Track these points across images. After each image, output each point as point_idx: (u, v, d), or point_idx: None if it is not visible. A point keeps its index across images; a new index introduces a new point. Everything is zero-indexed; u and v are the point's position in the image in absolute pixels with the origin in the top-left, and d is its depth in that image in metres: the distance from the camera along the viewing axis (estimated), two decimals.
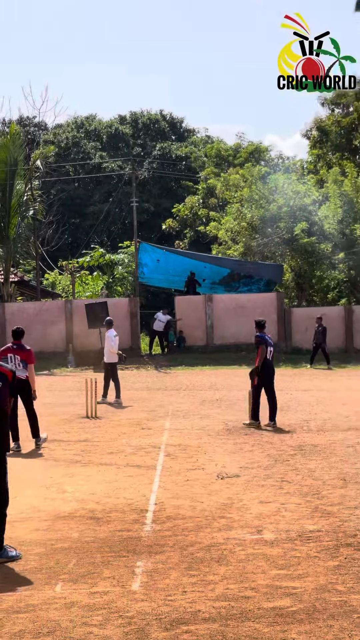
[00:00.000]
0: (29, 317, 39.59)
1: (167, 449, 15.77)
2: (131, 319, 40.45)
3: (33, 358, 16.39)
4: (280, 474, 13.17)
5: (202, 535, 9.64)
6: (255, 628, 6.69)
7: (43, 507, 11.33)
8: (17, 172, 42.95)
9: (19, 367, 15.96)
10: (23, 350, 16.27)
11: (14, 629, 6.79)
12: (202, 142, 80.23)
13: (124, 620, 6.94)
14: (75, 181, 74.12)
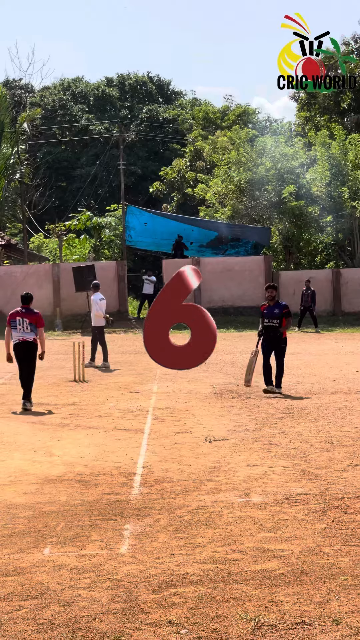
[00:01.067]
0: (16, 281, 39.48)
1: (155, 412, 15.79)
2: (119, 282, 40.39)
3: (42, 321, 17.05)
4: (268, 437, 13.21)
5: (190, 498, 9.67)
6: (243, 590, 6.71)
7: (31, 470, 11.34)
8: (4, 135, 42.71)
9: (27, 330, 16.72)
10: (31, 314, 16.90)
11: (3, 592, 6.81)
12: (190, 104, 79.73)
13: (112, 583, 6.97)
14: (62, 144, 73.65)
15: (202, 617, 6.19)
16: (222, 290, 39.64)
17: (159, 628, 6.01)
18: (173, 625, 6.05)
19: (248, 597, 6.56)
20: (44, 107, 71.78)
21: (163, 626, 6.04)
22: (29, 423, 15.05)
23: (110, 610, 6.36)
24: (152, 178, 65.23)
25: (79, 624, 6.13)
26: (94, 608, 6.42)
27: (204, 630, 5.94)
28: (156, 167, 66.91)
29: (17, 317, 16.95)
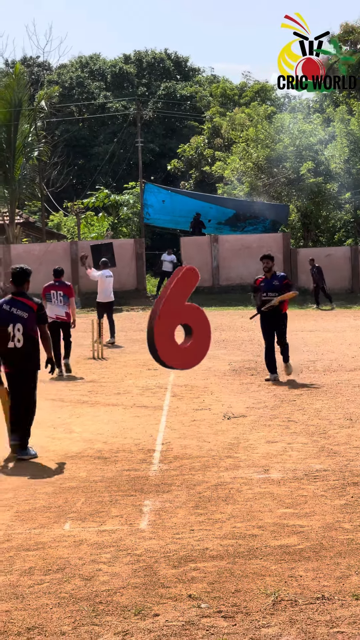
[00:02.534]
0: (34, 259, 39.51)
1: (174, 389, 15.83)
2: (137, 260, 40.40)
3: (73, 292, 18.79)
4: (287, 414, 13.22)
5: (209, 475, 9.70)
6: (263, 565, 6.75)
7: (51, 447, 11.40)
8: (22, 112, 42.70)
9: (60, 303, 18.31)
10: (64, 286, 18.56)
11: (25, 566, 6.87)
12: (208, 81, 79.37)
13: (132, 557, 7.01)
14: (80, 121, 73.51)
15: (222, 591, 6.23)
16: (240, 267, 39.58)
17: (179, 602, 6.05)
18: (193, 600, 6.08)
19: (268, 572, 6.59)
20: (62, 84, 71.61)
21: (183, 600, 6.08)
22: (49, 400, 15.11)
23: (131, 585, 6.41)
24: (170, 155, 65.07)
25: (100, 597, 6.17)
26: (115, 582, 6.47)
27: (224, 605, 5.98)
28: (174, 144, 66.73)
29: (52, 290, 18.36)
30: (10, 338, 10.92)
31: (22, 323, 10.91)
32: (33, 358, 11.04)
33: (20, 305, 11.01)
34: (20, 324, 10.90)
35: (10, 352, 10.95)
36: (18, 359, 10.95)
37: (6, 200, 43.26)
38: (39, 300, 11.51)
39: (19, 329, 10.90)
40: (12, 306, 11.03)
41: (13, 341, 10.91)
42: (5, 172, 42.31)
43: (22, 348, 10.92)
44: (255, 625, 5.63)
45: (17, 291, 11.21)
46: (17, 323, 10.91)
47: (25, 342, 10.93)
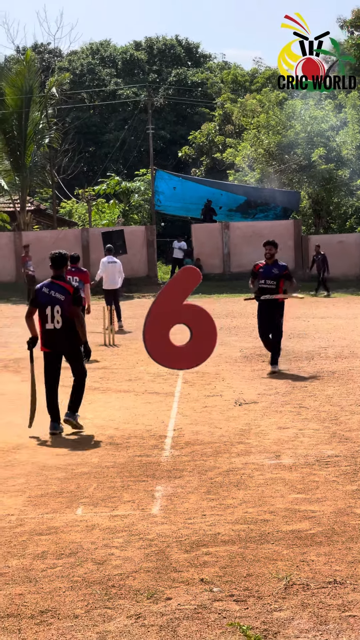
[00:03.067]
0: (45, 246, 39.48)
1: (185, 375, 15.84)
2: (148, 247, 40.41)
3: (89, 279, 19.44)
4: (298, 400, 13.23)
5: (220, 460, 9.73)
6: (275, 550, 6.77)
7: (63, 433, 11.44)
8: (33, 99, 42.66)
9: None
10: (80, 272, 19.14)
11: (37, 550, 6.90)
12: (219, 67, 79.21)
13: (144, 542, 7.04)
14: (91, 108, 73.44)
15: (234, 575, 6.25)
16: (252, 254, 39.29)
17: (191, 586, 6.08)
18: (205, 584, 6.11)
19: (279, 557, 6.61)
20: (72, 71, 71.55)
21: (195, 584, 6.11)
22: (61, 387, 15.11)
23: (143, 569, 6.44)
24: (181, 142, 65.01)
25: (112, 581, 6.21)
26: (127, 566, 6.50)
27: (236, 589, 6.00)
28: (185, 131, 66.67)
29: (68, 275, 17.49)
30: (50, 319, 11.58)
31: (60, 305, 11.52)
32: (72, 337, 11.60)
33: (58, 288, 11.62)
34: (59, 305, 11.52)
35: (50, 333, 11.63)
36: (58, 339, 11.61)
37: (17, 187, 43.27)
38: (76, 283, 11.95)
39: (58, 310, 11.53)
40: (50, 289, 11.65)
41: (52, 322, 11.57)
42: (17, 159, 42.32)
43: (61, 329, 11.54)
44: (267, 609, 5.66)
45: (56, 274, 11.82)
46: (56, 305, 11.53)
47: (64, 323, 11.53)
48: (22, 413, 12.81)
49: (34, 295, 11.93)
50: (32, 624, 5.54)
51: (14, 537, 7.28)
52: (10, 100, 41.84)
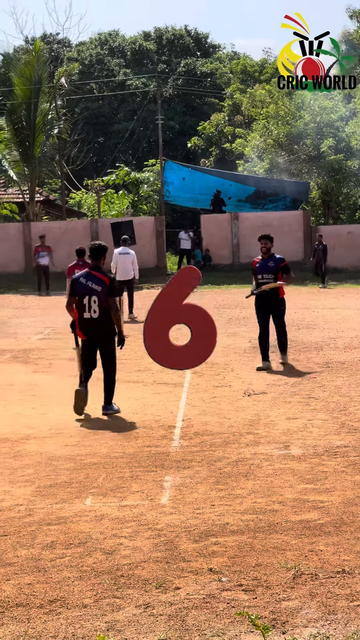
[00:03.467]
0: (55, 237, 39.56)
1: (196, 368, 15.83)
2: (157, 238, 40.37)
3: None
4: (307, 391, 13.23)
5: (229, 451, 9.73)
6: (283, 540, 6.78)
7: (72, 423, 11.46)
8: (42, 90, 42.58)
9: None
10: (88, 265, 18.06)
11: (46, 540, 6.92)
12: (228, 57, 78.95)
13: (153, 532, 7.05)
14: (100, 99, 73.36)
15: (243, 565, 6.26)
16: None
17: (200, 576, 6.10)
18: (214, 573, 6.12)
19: (288, 547, 6.62)
20: (81, 62, 71.45)
21: (204, 574, 6.13)
22: (70, 377, 15.16)
23: (152, 559, 6.45)
24: (190, 133, 64.85)
25: (121, 571, 6.22)
26: (136, 556, 6.51)
27: (245, 578, 6.01)
28: (194, 121, 66.53)
29: (76, 269, 18.78)
30: (87, 309, 12.03)
31: (97, 295, 12.00)
32: (107, 326, 12.08)
33: (95, 279, 12.10)
34: (96, 296, 12.00)
35: (86, 322, 12.09)
36: (94, 327, 12.09)
37: (26, 178, 43.26)
38: (112, 274, 12.30)
39: (95, 300, 12.00)
40: (88, 280, 12.13)
41: (89, 312, 12.02)
42: (26, 150, 42.28)
43: (97, 318, 12.02)
44: (275, 598, 5.67)
45: (94, 265, 12.38)
46: (93, 295, 12.01)
47: (101, 313, 11.99)
48: (31, 404, 12.86)
49: (72, 285, 12.42)
50: (41, 614, 5.56)
51: (23, 527, 7.30)
52: (19, 90, 41.79)
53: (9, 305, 29.85)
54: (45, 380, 14.94)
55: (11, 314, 26.71)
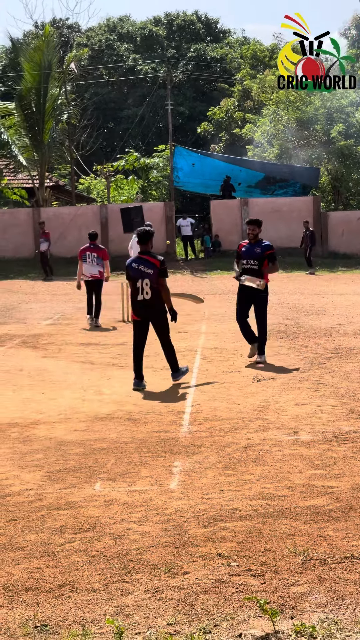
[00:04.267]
0: (64, 222, 39.60)
1: (204, 352, 15.85)
2: (166, 223, 40.34)
3: (107, 255, 21.06)
4: (316, 377, 13.22)
5: (238, 436, 9.73)
6: (292, 525, 6.78)
7: (81, 408, 11.47)
8: (51, 75, 42.51)
9: (94, 263, 20.65)
10: (98, 249, 20.90)
11: (56, 525, 6.94)
12: (238, 43, 78.74)
13: (162, 517, 7.06)
14: (109, 84, 73.20)
15: (252, 550, 6.27)
16: (271, 231, 39.27)
17: (208, 560, 6.10)
18: (223, 558, 6.13)
19: (297, 532, 6.62)
20: (91, 47, 71.30)
21: (213, 559, 6.13)
22: (79, 362, 15.20)
23: (161, 544, 6.46)
24: (200, 118, 64.71)
25: (130, 556, 6.23)
26: (145, 541, 6.52)
27: (254, 563, 6.02)
28: (204, 107, 66.36)
29: (87, 251, 20.71)
30: (140, 291, 12.82)
31: (149, 278, 12.77)
32: (159, 306, 12.93)
33: (146, 262, 12.86)
34: (148, 279, 12.78)
35: (140, 303, 12.89)
36: (147, 308, 12.88)
37: (36, 163, 43.23)
38: (162, 257, 12.99)
39: (147, 283, 12.78)
40: (140, 264, 12.88)
41: (142, 294, 12.82)
42: (35, 135, 42.25)
43: (149, 299, 12.82)
44: (284, 583, 5.67)
45: (143, 250, 13.01)
46: (145, 278, 12.78)
47: (152, 294, 12.80)
48: (40, 389, 12.88)
49: (126, 271, 13.17)
50: (50, 598, 5.58)
51: (32, 511, 7.31)
52: (28, 76, 41.73)
53: (19, 291, 29.89)
54: (55, 365, 14.96)
55: (21, 300, 26.75)
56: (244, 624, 5.11)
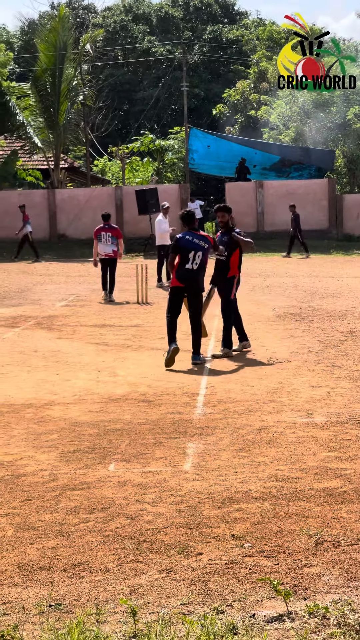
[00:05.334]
0: (79, 204, 39.58)
1: (218, 334, 15.83)
2: (181, 205, 40.24)
3: (121, 234, 22.39)
4: (331, 359, 13.21)
5: (252, 418, 9.74)
6: (306, 507, 6.79)
7: (96, 389, 11.50)
8: (67, 56, 42.39)
9: (109, 242, 21.79)
10: (112, 229, 22.13)
11: (70, 505, 6.97)
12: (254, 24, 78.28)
13: (176, 498, 7.08)
14: (125, 66, 72.99)
15: (265, 532, 6.28)
16: (285, 213, 39.17)
17: (222, 542, 6.12)
18: (236, 539, 6.15)
19: (311, 514, 6.63)
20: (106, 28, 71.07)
21: (226, 540, 6.15)
22: (93, 344, 15.22)
23: (175, 524, 6.48)
24: (215, 100, 64.46)
25: (144, 536, 6.26)
26: (159, 522, 6.55)
27: (267, 545, 6.03)
28: (219, 89, 66.10)
29: (102, 231, 21.91)
30: (190, 261, 13.26)
31: (202, 252, 13.33)
32: (201, 279, 13.52)
33: (201, 237, 13.51)
34: (201, 252, 13.32)
35: (187, 271, 13.29)
36: (192, 278, 13.33)
37: (51, 145, 43.18)
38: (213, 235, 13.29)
39: (199, 255, 13.29)
40: (194, 237, 13.39)
41: (192, 264, 13.27)
42: (50, 116, 42.17)
43: (197, 270, 13.34)
44: (297, 565, 5.69)
45: (191, 228, 13.51)
46: (199, 251, 13.29)
47: (200, 266, 13.36)
48: (55, 370, 12.91)
49: (175, 243, 13.48)
50: (64, 577, 5.61)
51: (46, 491, 7.35)
52: (44, 57, 41.63)
53: (34, 272, 29.91)
54: (69, 346, 14.99)
55: (35, 281, 26.77)
56: (257, 604, 5.13)
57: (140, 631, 4.78)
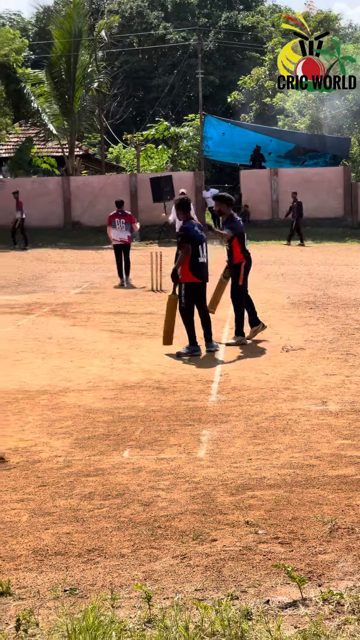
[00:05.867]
0: (93, 191, 39.56)
1: (232, 322, 15.82)
2: (196, 193, 40.20)
3: (134, 219, 23.00)
4: (345, 347, 13.19)
5: (267, 406, 9.75)
6: (320, 494, 6.80)
7: (110, 376, 11.52)
8: (82, 43, 42.32)
9: (123, 229, 22.30)
10: (125, 215, 22.63)
11: (85, 491, 6.99)
12: (270, 11, 77.90)
13: (190, 485, 7.10)
14: (140, 53, 72.82)
15: (279, 519, 6.29)
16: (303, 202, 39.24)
17: (236, 528, 6.13)
18: (250, 526, 6.16)
19: (325, 501, 6.64)
20: (122, 14, 70.90)
21: (240, 526, 6.16)
22: (107, 331, 15.24)
23: (189, 511, 6.50)
24: (231, 87, 64.27)
25: (159, 522, 6.28)
26: (173, 508, 6.56)
27: (281, 532, 6.04)
28: (234, 76, 65.87)
29: (116, 218, 22.47)
30: (202, 254, 13.23)
31: (206, 242, 13.48)
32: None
33: (200, 227, 13.49)
34: (205, 243, 13.44)
35: (202, 265, 13.26)
36: (206, 272, 13.38)
37: (66, 132, 43.16)
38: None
39: (206, 247, 13.40)
40: (200, 229, 13.41)
41: (203, 257, 13.28)
42: (65, 103, 42.15)
43: (207, 263, 13.43)
44: (312, 551, 5.70)
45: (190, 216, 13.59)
46: (204, 242, 13.40)
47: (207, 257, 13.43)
48: (69, 357, 12.93)
49: (187, 233, 13.22)
50: (79, 562, 5.63)
51: (61, 478, 7.37)
52: (59, 43, 41.58)
53: (48, 259, 29.95)
54: (83, 333, 15.01)
55: (50, 268, 26.81)
56: (272, 590, 5.14)
57: (154, 616, 4.80)
